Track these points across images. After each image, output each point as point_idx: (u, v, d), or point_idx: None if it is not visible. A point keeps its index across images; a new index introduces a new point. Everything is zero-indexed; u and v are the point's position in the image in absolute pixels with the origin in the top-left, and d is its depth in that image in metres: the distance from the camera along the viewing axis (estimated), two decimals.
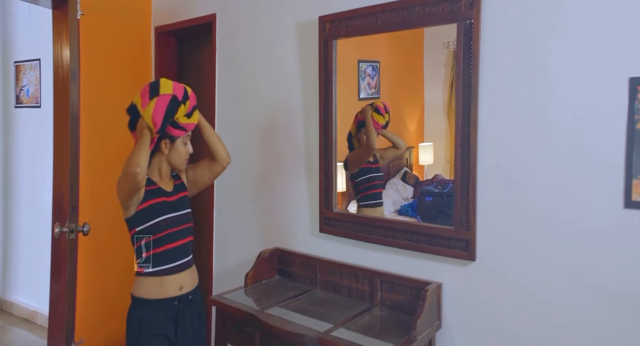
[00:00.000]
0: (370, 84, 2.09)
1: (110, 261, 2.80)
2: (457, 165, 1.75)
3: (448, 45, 1.79)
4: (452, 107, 1.78)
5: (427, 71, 1.95)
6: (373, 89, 2.10)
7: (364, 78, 2.08)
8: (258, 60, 2.45)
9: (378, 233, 1.99)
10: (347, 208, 2.20)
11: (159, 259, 1.67)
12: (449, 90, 1.82)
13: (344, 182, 2.17)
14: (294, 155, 2.32)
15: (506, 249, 1.68)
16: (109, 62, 2.77)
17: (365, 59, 2.08)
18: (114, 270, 2.81)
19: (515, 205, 1.66)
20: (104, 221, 2.62)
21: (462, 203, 1.75)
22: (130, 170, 1.52)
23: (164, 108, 1.58)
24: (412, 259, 1.91)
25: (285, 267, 2.30)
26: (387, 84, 2.08)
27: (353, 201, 2.19)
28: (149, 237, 1.65)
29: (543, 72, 1.59)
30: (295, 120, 2.31)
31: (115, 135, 2.60)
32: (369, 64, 2.08)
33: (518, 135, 1.64)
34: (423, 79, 1.98)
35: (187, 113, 1.66)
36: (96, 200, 2.66)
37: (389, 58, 2.09)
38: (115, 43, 2.80)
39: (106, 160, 2.72)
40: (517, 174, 1.65)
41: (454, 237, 1.77)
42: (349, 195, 2.20)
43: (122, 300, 1.97)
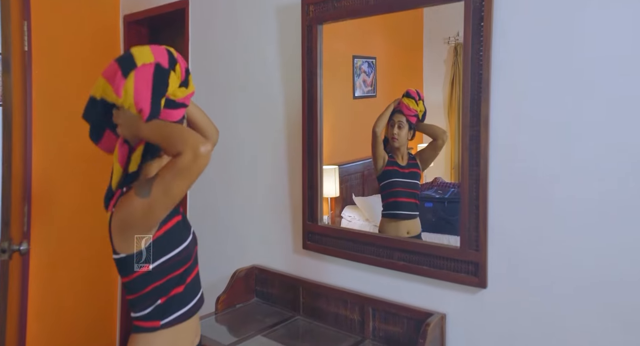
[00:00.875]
0: (366, 81, 1.95)
1: (69, 289, 2.49)
2: (464, 172, 1.45)
3: (449, 41, 1.67)
4: (452, 106, 1.69)
5: (426, 68, 1.85)
6: (369, 87, 1.95)
7: (359, 75, 1.93)
8: (235, 50, 2.16)
9: (370, 252, 1.69)
10: (340, 213, 1.94)
11: (175, 302, 1.15)
12: (449, 88, 1.70)
13: (337, 186, 1.92)
14: (274, 158, 2.03)
15: (525, 275, 1.38)
16: (70, 57, 2.47)
17: (360, 55, 1.94)
18: (72, 297, 2.50)
19: (536, 221, 1.36)
20: (61, 239, 2.32)
21: (471, 218, 1.44)
22: (199, 151, 0.97)
23: (150, 83, 1.07)
24: (410, 283, 1.61)
25: (264, 288, 2.00)
26: (384, 82, 1.97)
27: (348, 207, 1.94)
28: (172, 273, 1.13)
29: (572, 60, 1.29)
30: (276, 118, 2.01)
31: (77, 139, 2.31)
32: (365, 60, 1.94)
33: (540, 136, 1.34)
34: (422, 76, 1.87)
35: (182, 82, 1.14)
36: (53, 213, 2.36)
37: (386, 54, 1.99)
38: (78, 34, 2.51)
39: (65, 167, 2.42)
40: (539, 183, 1.35)
41: (461, 259, 1.47)
42: (342, 200, 1.95)
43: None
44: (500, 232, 1.42)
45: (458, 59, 1.61)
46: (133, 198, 1.04)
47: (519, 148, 1.38)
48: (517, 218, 1.39)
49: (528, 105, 1.36)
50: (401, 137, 1.75)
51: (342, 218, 1.93)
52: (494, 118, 1.41)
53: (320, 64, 1.81)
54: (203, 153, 0.97)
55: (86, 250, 2.50)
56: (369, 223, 1.85)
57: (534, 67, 1.34)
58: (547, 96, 1.33)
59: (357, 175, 1.97)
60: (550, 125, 1.33)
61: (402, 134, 1.75)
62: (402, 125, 1.74)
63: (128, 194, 1.06)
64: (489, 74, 1.39)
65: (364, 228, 1.83)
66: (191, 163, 0.97)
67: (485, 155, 1.41)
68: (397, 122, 1.75)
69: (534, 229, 1.36)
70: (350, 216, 1.92)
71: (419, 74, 1.89)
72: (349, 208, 1.94)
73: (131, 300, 1.13)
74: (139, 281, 1.10)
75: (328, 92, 1.85)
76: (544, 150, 1.34)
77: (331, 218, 1.92)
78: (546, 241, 1.34)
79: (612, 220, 1.24)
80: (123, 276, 1.13)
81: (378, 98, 1.96)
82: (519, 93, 1.37)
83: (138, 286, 1.10)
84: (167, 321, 1.12)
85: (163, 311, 1.12)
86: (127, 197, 1.06)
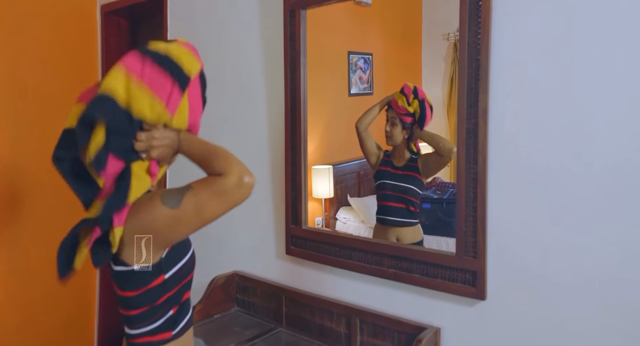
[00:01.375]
0: (362, 78, 1.87)
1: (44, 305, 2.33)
2: (461, 170, 1.30)
3: (448, 37, 1.61)
4: (452, 105, 1.58)
5: (425, 65, 1.78)
6: (365, 84, 1.88)
7: (355, 71, 1.86)
8: (214, 41, 2.01)
9: (358, 258, 1.54)
10: (335, 215, 1.82)
11: (185, 309, 1.07)
12: (449, 86, 1.63)
13: (331, 187, 1.81)
14: (255, 156, 1.88)
15: (529, 286, 1.23)
16: (41, 49, 2.31)
17: (356, 51, 1.86)
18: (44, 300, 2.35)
19: (541, 225, 1.21)
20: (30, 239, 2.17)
21: (468, 221, 1.29)
22: (243, 179, 0.90)
23: (200, 96, 1.00)
24: (401, 293, 1.46)
25: (245, 297, 1.85)
26: (381, 79, 1.90)
27: (343, 208, 1.82)
28: (184, 280, 1.05)
29: (584, 43, 1.14)
30: (257, 114, 1.87)
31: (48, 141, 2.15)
32: (361, 56, 1.86)
33: (546, 131, 1.19)
34: (421, 73, 1.80)
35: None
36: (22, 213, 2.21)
37: (383, 50, 1.92)
38: (50, 25, 2.35)
39: (35, 173, 2.27)
40: (544, 183, 1.20)
41: (457, 267, 1.32)
42: (337, 202, 1.84)
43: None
44: (501, 237, 1.27)
45: (457, 56, 1.49)
46: (158, 205, 0.92)
47: (521, 144, 1.23)
48: (519, 222, 1.24)
49: (535, 95, 1.21)
50: (393, 135, 1.60)
51: (337, 219, 1.82)
52: (493, 110, 1.26)
53: (304, 52, 1.66)
54: (247, 183, 0.90)
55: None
56: (365, 225, 1.75)
57: (538, 53, 1.19)
58: (556, 86, 1.18)
59: (353, 175, 1.88)
60: (560, 119, 1.18)
61: (395, 132, 1.59)
62: (395, 122, 1.59)
63: (151, 200, 0.93)
64: (487, 61, 1.24)
65: (359, 230, 1.74)
66: (233, 188, 0.89)
67: (483, 151, 1.26)
68: (390, 118, 1.60)
69: (539, 234, 1.21)
70: (345, 218, 1.82)
71: (418, 71, 1.81)
72: (344, 209, 1.84)
73: (134, 316, 0.99)
74: (151, 294, 0.98)
75: (322, 89, 1.78)
76: (550, 146, 1.19)
77: (325, 219, 1.81)
78: (552, 247, 1.19)
79: (628, 224, 1.09)
80: (127, 291, 0.98)
81: (375, 96, 1.86)
82: (522, 82, 1.22)
83: (148, 300, 0.98)
84: (178, 331, 1.03)
85: (174, 320, 1.03)
86: (150, 203, 0.93)
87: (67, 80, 2.38)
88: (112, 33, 2.53)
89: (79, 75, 2.44)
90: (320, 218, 1.80)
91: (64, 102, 2.41)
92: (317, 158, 1.78)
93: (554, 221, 1.19)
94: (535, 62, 1.20)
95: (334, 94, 1.87)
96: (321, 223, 1.79)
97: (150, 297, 0.98)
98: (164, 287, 0.99)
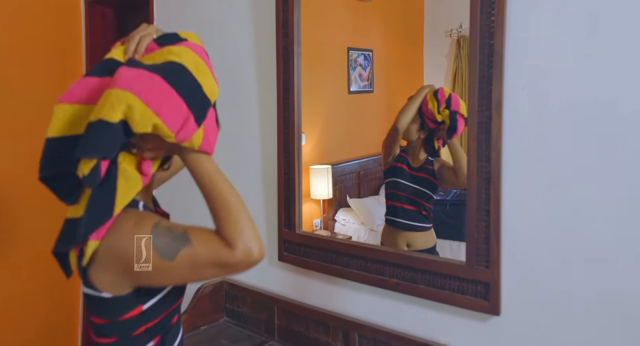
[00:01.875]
0: (362, 75, 1.82)
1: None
2: (472, 168, 1.16)
3: (451, 33, 1.58)
4: None
5: (427, 62, 1.73)
6: (365, 81, 1.84)
7: (354, 68, 1.81)
8: (201, 30, 1.88)
9: (357, 266, 1.40)
10: (334, 217, 1.73)
11: (169, 338, 0.92)
12: (452, 83, 1.59)
13: (330, 187, 1.73)
14: (245, 155, 1.74)
15: (549, 299, 1.09)
16: (21, 43, 2.18)
17: (356, 47, 1.81)
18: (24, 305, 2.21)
19: (563, 232, 1.07)
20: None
21: (479, 226, 1.15)
22: (253, 257, 0.78)
23: (215, 119, 0.88)
24: (405, 306, 1.32)
25: (234, 307, 1.71)
26: (382, 76, 1.87)
27: (342, 209, 1.74)
28: (170, 308, 0.89)
29: (614, 26, 0.99)
30: (248, 109, 1.73)
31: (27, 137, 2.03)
32: (361, 53, 1.82)
33: (569, 125, 1.05)
34: (423, 71, 1.76)
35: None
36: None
37: (384, 47, 1.87)
38: (30, 17, 2.21)
39: (13, 171, 2.14)
40: (566, 184, 1.06)
41: (467, 277, 1.18)
42: (336, 203, 1.78)
43: None
44: (517, 245, 1.13)
45: (461, 53, 1.52)
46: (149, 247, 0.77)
47: (540, 139, 1.09)
48: (538, 228, 1.10)
49: (552, 85, 1.07)
50: (408, 130, 1.46)
51: (336, 221, 1.73)
52: (508, 102, 1.12)
53: (298, 41, 1.52)
54: (255, 258, 0.78)
55: (40, 257, 2.21)
56: (365, 227, 1.69)
57: (560, 37, 1.05)
58: (576, 74, 1.04)
59: (353, 175, 1.81)
60: (581, 111, 1.04)
61: (411, 128, 1.46)
62: (415, 119, 1.45)
63: (139, 227, 0.78)
64: (502, 46, 1.10)
65: (358, 232, 1.67)
66: (238, 263, 0.77)
67: (497, 147, 1.12)
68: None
69: (560, 241, 1.07)
70: (344, 219, 1.74)
71: (420, 68, 1.76)
72: (343, 210, 1.76)
73: (103, 345, 0.84)
74: (125, 325, 0.82)
75: (321, 86, 1.73)
76: (573, 142, 1.05)
77: (324, 221, 1.73)
78: (577, 257, 1.05)
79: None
80: (99, 318, 0.83)
81: (375, 94, 1.83)
82: (541, 70, 1.08)
83: (121, 330, 0.82)
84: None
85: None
86: (137, 229, 0.78)
87: (48, 74, 2.25)
88: (96, 23, 2.39)
89: (61, 68, 2.31)
90: (318, 219, 1.73)
91: (45, 97, 2.28)
92: (315, 158, 1.71)
93: (577, 227, 1.05)
94: (557, 47, 1.06)
95: (333, 92, 1.81)
96: (319, 225, 1.71)
97: (123, 328, 0.82)
98: (142, 318, 0.83)
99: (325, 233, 1.71)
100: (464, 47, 1.48)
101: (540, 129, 1.09)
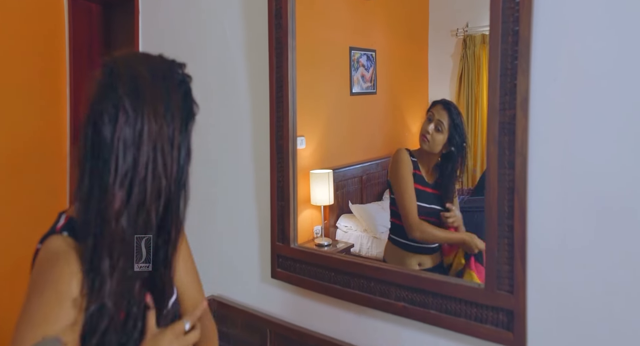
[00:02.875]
0: (364, 76, 1.80)
1: None
2: (492, 176, 0.99)
3: (457, 33, 1.55)
4: (461, 104, 1.52)
5: (432, 63, 1.71)
6: (368, 83, 1.82)
7: (357, 69, 1.79)
8: (188, 23, 1.74)
9: (358, 286, 1.24)
10: (335, 223, 1.67)
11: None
12: (457, 84, 1.56)
13: (331, 193, 1.67)
14: (237, 160, 1.60)
15: (585, 333, 0.92)
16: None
17: (358, 47, 1.79)
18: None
19: (602, 250, 0.90)
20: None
21: (501, 244, 0.99)
22: None
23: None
24: (413, 333, 1.16)
25: (223, 327, 1.56)
26: (385, 77, 1.85)
27: (344, 216, 1.68)
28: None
29: None
30: (239, 109, 1.60)
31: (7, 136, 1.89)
32: (363, 53, 1.80)
33: (606, 125, 0.89)
34: (427, 72, 1.73)
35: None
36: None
37: (387, 47, 1.85)
38: (9, 13, 2.08)
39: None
40: (609, 194, 0.90)
41: (487, 304, 1.02)
42: (338, 209, 1.73)
43: None
44: (547, 266, 0.96)
45: (467, 52, 1.50)
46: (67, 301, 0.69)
47: (573, 142, 0.93)
48: (573, 247, 0.94)
49: (587, 78, 0.91)
50: (434, 140, 1.32)
51: (338, 228, 1.67)
52: (536, 98, 0.95)
53: (293, 33, 1.37)
54: None
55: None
56: (367, 234, 1.64)
57: (597, 21, 0.89)
58: (615, 65, 0.88)
59: (355, 180, 1.76)
60: (620, 108, 0.87)
61: (437, 139, 1.32)
62: (441, 129, 1.31)
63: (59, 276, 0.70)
64: (529, 32, 0.94)
65: (361, 239, 1.62)
66: None
67: (522, 151, 0.96)
68: (437, 120, 1.31)
69: (600, 264, 0.90)
70: (346, 226, 1.69)
71: (424, 69, 1.74)
72: (345, 217, 1.71)
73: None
74: None
75: (321, 87, 1.68)
76: (611, 145, 0.89)
77: (325, 228, 1.66)
78: (620, 283, 0.88)
79: None
80: None
81: (378, 96, 1.81)
82: (574, 61, 0.92)
83: None
84: None
85: None
86: (57, 274, 0.70)
87: (29, 74, 2.13)
88: (82, 20, 2.27)
89: (43, 68, 2.19)
90: (319, 226, 1.66)
91: (26, 98, 2.16)
92: (316, 162, 1.65)
93: (621, 248, 0.88)
94: (593, 32, 0.90)
95: (334, 93, 1.77)
96: (320, 233, 1.64)
97: None
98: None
99: (326, 240, 1.64)
100: (470, 47, 1.44)
101: (575, 130, 0.92)
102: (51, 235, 0.74)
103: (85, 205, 0.70)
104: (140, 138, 0.69)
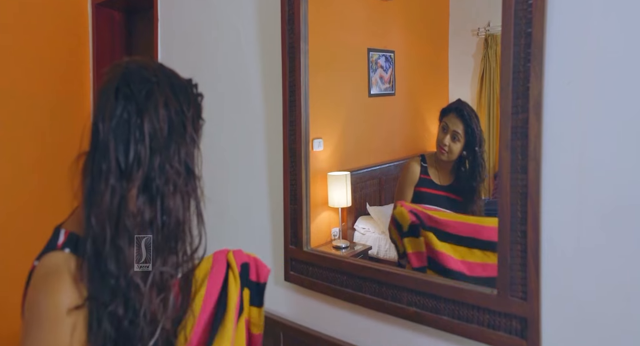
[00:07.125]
0: (383, 77, 1.77)
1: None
2: (504, 182, 0.97)
3: (478, 32, 1.51)
4: (482, 105, 1.49)
5: (452, 63, 1.67)
6: (387, 84, 1.78)
7: (375, 70, 1.76)
8: (204, 28, 1.76)
9: (370, 290, 1.23)
10: (353, 225, 1.64)
11: None
12: (479, 85, 1.52)
13: (348, 195, 1.65)
14: (250, 163, 1.61)
15: (601, 339, 0.89)
16: (26, 48, 2.11)
17: (376, 48, 1.76)
18: None
19: (619, 256, 0.87)
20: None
21: (514, 250, 0.97)
22: None
23: None
24: (425, 339, 1.15)
25: None
26: (404, 78, 1.81)
27: (362, 218, 1.64)
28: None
29: None
30: (252, 113, 1.60)
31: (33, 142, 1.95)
32: (382, 54, 1.77)
33: (624, 129, 0.86)
34: (447, 72, 1.69)
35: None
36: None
37: (406, 48, 1.81)
38: (36, 21, 2.14)
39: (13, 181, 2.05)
40: (626, 199, 0.87)
41: (500, 310, 0.99)
42: (355, 211, 1.69)
43: None
44: (561, 272, 0.94)
45: (489, 52, 1.47)
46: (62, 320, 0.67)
47: (588, 146, 0.90)
48: (589, 253, 0.91)
49: (603, 80, 0.88)
50: (452, 150, 1.31)
51: (355, 230, 1.65)
52: (549, 101, 0.93)
53: (305, 37, 1.38)
54: None
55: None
56: (385, 236, 1.59)
57: (613, 22, 0.86)
58: (633, 68, 0.85)
59: (374, 182, 1.73)
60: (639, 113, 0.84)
61: (455, 148, 1.30)
62: (457, 138, 1.29)
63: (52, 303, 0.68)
64: (542, 34, 0.92)
65: (379, 241, 1.59)
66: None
67: (536, 156, 0.94)
68: (452, 131, 1.30)
69: (619, 271, 0.88)
70: (364, 228, 1.66)
71: (444, 70, 1.69)
72: (363, 219, 1.67)
73: None
74: None
75: (339, 89, 1.66)
76: (629, 149, 0.86)
77: (343, 230, 1.64)
78: (631, 285, 0.85)
79: None
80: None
81: (397, 97, 1.77)
82: (590, 63, 0.89)
83: None
84: None
85: None
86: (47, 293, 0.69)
87: (54, 80, 2.18)
88: (105, 27, 2.32)
89: (67, 74, 2.24)
90: (337, 228, 1.65)
91: (51, 103, 2.22)
92: (334, 164, 1.64)
93: (637, 251, 0.85)
94: (608, 34, 0.87)
95: (353, 95, 1.74)
96: (338, 235, 1.63)
97: None
98: None
99: (343, 243, 1.63)
100: (492, 46, 1.42)
101: (590, 134, 0.90)
102: (51, 251, 0.72)
103: (92, 208, 0.69)
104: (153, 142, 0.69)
